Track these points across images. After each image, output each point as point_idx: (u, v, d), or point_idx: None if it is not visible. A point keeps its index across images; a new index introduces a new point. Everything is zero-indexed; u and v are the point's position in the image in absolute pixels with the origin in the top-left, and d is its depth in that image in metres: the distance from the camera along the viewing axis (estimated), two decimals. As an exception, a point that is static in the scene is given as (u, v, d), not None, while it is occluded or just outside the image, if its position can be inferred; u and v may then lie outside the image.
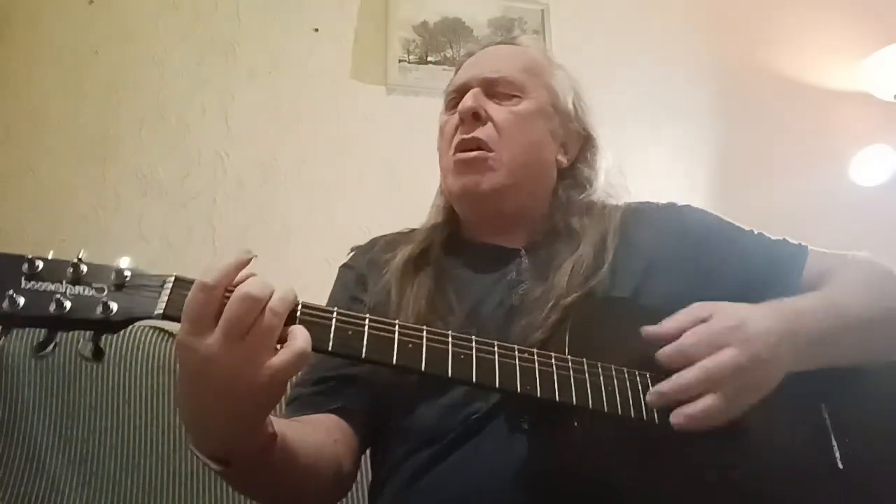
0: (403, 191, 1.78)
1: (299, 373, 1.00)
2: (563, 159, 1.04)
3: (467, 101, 0.98)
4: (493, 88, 1.00)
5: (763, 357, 0.74)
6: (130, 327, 0.73)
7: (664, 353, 0.75)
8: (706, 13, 2.29)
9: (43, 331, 0.61)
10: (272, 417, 0.70)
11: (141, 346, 1.37)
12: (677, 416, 0.72)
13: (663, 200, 1.07)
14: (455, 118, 1.00)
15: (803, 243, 0.99)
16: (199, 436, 0.66)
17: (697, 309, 0.78)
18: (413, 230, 1.06)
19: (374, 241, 1.08)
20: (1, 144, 1.74)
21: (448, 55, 2.04)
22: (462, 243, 1.02)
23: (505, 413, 0.81)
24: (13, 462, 1.27)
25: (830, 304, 0.84)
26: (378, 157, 1.92)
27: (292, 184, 1.87)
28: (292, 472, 0.75)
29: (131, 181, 1.78)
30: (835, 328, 0.82)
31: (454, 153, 0.98)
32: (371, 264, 1.01)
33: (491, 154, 0.96)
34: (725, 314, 0.77)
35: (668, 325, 0.77)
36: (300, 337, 0.62)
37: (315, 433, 0.83)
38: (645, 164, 2.02)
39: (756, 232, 1.02)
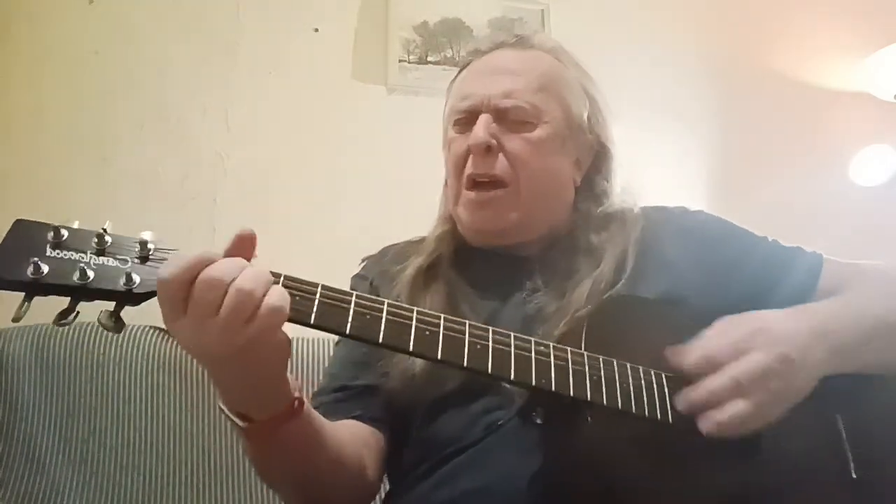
0: (404, 191, 1.77)
1: (320, 383, 1.00)
2: (578, 177, 1.02)
3: (478, 132, 0.94)
4: (505, 115, 0.95)
5: (792, 357, 0.74)
6: (130, 326, 0.74)
7: (691, 360, 0.74)
8: (706, 13, 2.29)
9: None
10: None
11: (141, 346, 1.37)
12: (706, 423, 0.72)
13: (664, 201, 1.06)
14: (465, 142, 0.97)
15: (818, 251, 0.98)
16: (220, 392, 0.70)
17: (720, 322, 0.77)
18: (422, 239, 1.04)
19: (384, 251, 1.07)
20: (1, 144, 1.74)
21: (448, 55, 2.04)
22: (472, 250, 1.01)
23: (518, 409, 0.81)
24: (13, 462, 1.26)
25: (853, 309, 0.83)
26: (378, 157, 1.92)
27: (292, 184, 1.86)
28: (317, 454, 0.76)
29: (131, 181, 1.78)
30: (862, 331, 0.81)
31: (467, 188, 0.96)
32: (382, 276, 1.00)
33: (507, 189, 0.94)
34: (747, 319, 0.76)
35: (696, 341, 0.76)
36: (273, 294, 0.61)
37: (343, 430, 0.83)
38: (645, 165, 2.01)
39: (770, 239, 1.01)
